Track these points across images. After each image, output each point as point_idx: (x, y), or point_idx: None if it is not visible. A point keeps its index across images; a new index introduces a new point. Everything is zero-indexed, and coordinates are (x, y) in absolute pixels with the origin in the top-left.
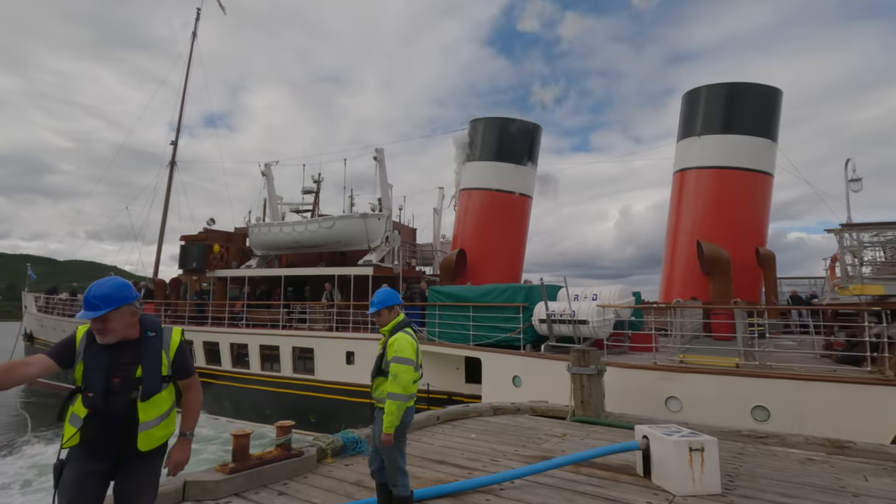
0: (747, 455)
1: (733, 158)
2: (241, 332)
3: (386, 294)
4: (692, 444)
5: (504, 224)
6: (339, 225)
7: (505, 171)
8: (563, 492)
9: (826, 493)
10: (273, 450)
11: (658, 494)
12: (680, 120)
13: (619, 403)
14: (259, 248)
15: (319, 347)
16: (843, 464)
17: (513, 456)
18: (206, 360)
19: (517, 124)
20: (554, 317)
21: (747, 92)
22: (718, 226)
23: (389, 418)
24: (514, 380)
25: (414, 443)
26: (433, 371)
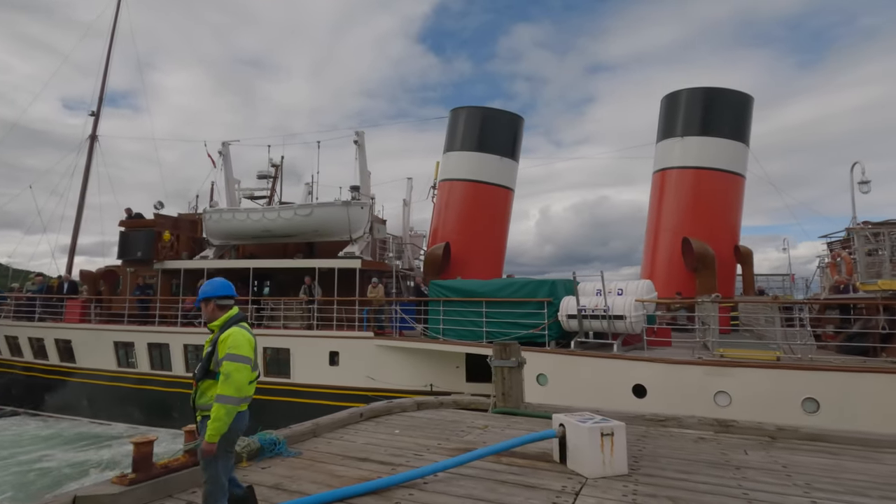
0: (650, 437)
1: (711, 160)
2: (197, 331)
3: (217, 284)
4: (603, 430)
5: (487, 217)
6: (318, 213)
7: (487, 163)
8: (484, 482)
9: (714, 467)
10: (180, 456)
11: (572, 478)
12: (659, 122)
13: (662, 399)
14: (217, 237)
15: (297, 348)
16: (729, 441)
17: (436, 450)
18: (152, 364)
19: (500, 115)
20: (585, 312)
21: (723, 97)
22: (699, 224)
23: (216, 424)
24: (539, 378)
25: (336, 441)
26: (431, 370)
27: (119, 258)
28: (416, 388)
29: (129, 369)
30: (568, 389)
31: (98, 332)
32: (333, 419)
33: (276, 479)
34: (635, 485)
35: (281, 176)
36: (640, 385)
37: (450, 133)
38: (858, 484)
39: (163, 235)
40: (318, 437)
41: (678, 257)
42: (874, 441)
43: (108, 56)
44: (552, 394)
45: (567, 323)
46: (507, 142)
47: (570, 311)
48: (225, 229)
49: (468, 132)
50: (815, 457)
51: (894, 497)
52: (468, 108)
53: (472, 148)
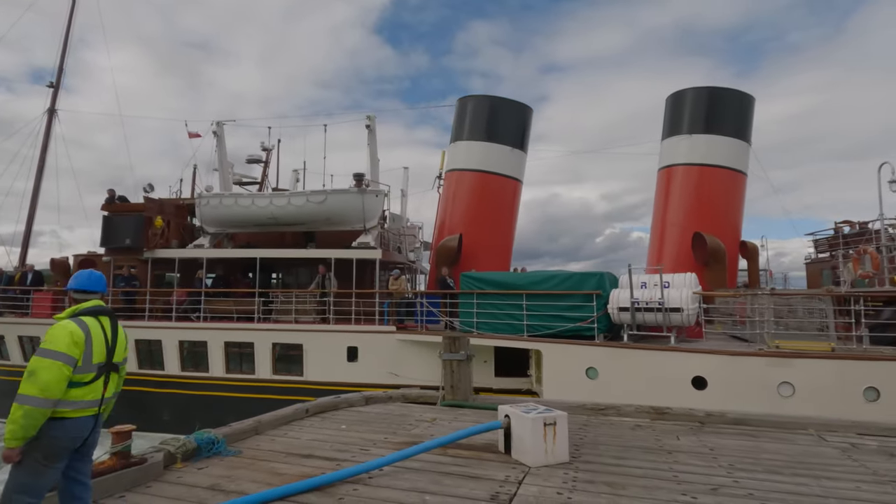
0: (590, 426)
1: (715, 157)
2: (196, 326)
3: (79, 277)
4: (546, 420)
5: (496, 208)
6: (331, 200)
7: (496, 153)
8: (430, 474)
9: (649, 452)
10: (106, 460)
11: (516, 468)
12: (664, 119)
13: (723, 391)
14: (213, 225)
15: (310, 343)
16: (663, 427)
17: (383, 444)
18: (140, 364)
19: (509, 104)
20: (638, 305)
21: (726, 96)
22: (705, 219)
23: (12, 427)
24: (589, 372)
25: (279, 438)
26: None
27: (103, 245)
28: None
29: None
30: (620, 382)
31: None
32: (277, 416)
33: (212, 479)
34: (575, 472)
35: (278, 161)
36: (699, 377)
37: (457, 122)
38: (774, 463)
39: (154, 221)
40: (260, 434)
41: (686, 252)
42: (789, 424)
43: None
44: (603, 387)
45: (618, 316)
46: (516, 132)
47: (622, 304)
48: (224, 216)
49: (476, 122)
50: (738, 440)
51: (804, 474)
52: (475, 96)
53: (480, 138)
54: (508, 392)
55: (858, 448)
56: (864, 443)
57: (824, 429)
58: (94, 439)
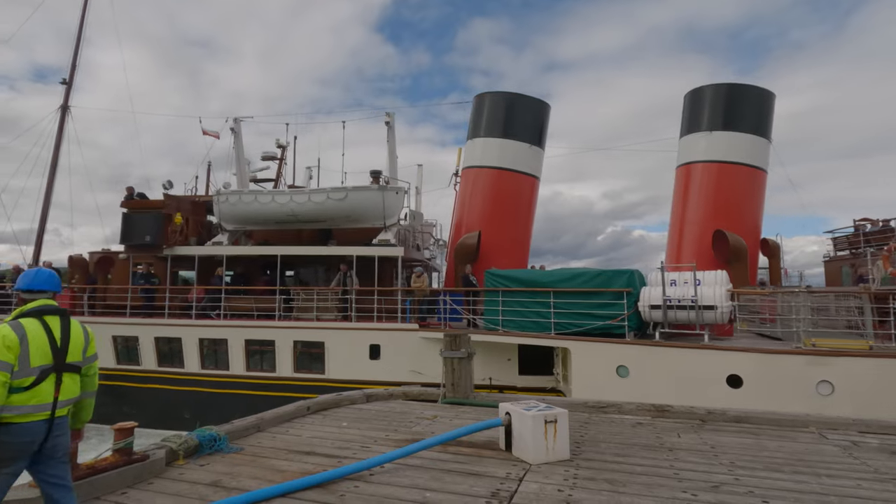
0: (591, 423)
1: (735, 154)
2: (216, 324)
3: (26, 277)
4: (547, 417)
5: (514, 206)
6: (352, 197)
7: (513, 150)
8: (430, 471)
9: (649, 449)
10: (108, 456)
11: (517, 465)
12: (683, 117)
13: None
14: (232, 222)
15: (332, 341)
16: (664, 425)
17: (384, 441)
18: (159, 361)
19: (526, 101)
20: (670, 302)
21: (746, 93)
22: (725, 217)
23: None
24: (619, 370)
25: (280, 435)
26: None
27: (122, 242)
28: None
29: (132, 366)
30: (652, 381)
31: (92, 326)
32: (279, 413)
33: (214, 476)
34: (576, 469)
35: (294, 158)
36: (735, 376)
37: (474, 119)
38: (775, 461)
39: (174, 218)
40: (262, 431)
41: (706, 249)
42: (789, 421)
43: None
44: (634, 385)
45: (649, 314)
46: (533, 128)
47: (654, 302)
48: (243, 213)
49: (493, 118)
50: (738, 437)
51: (804, 471)
52: (492, 93)
53: (497, 134)
54: (533, 391)
55: (860, 446)
56: (865, 441)
57: (825, 427)
58: (58, 443)
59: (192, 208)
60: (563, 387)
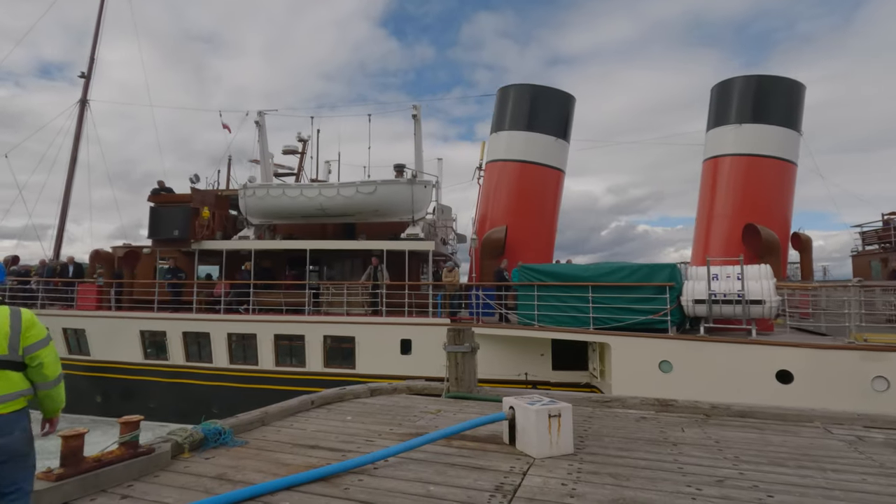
0: (595, 418)
1: (765, 147)
2: (245, 319)
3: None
4: (551, 412)
5: (539, 199)
6: (381, 191)
7: (538, 143)
8: (434, 465)
9: (653, 444)
10: (114, 449)
11: (521, 459)
12: (710, 110)
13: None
14: (258, 216)
15: (363, 336)
16: (667, 419)
17: (388, 435)
18: (187, 356)
19: (551, 93)
20: (716, 297)
21: (775, 84)
22: (754, 210)
23: None
24: (662, 365)
25: (285, 429)
26: (513, 357)
27: (150, 237)
28: (496, 377)
29: (159, 361)
30: (696, 376)
31: (119, 321)
32: (283, 407)
33: (219, 469)
34: (580, 463)
35: (317, 152)
36: (784, 371)
37: (498, 112)
38: (779, 455)
39: (201, 212)
40: (266, 425)
41: (734, 243)
42: (793, 416)
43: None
44: (677, 381)
45: (693, 308)
46: (558, 121)
47: (698, 296)
48: (270, 207)
49: (518, 111)
50: (743, 432)
51: (809, 466)
52: (516, 86)
53: (522, 127)
54: (567, 386)
55: (865, 441)
56: (870, 436)
57: (830, 421)
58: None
59: (216, 202)
60: (600, 382)
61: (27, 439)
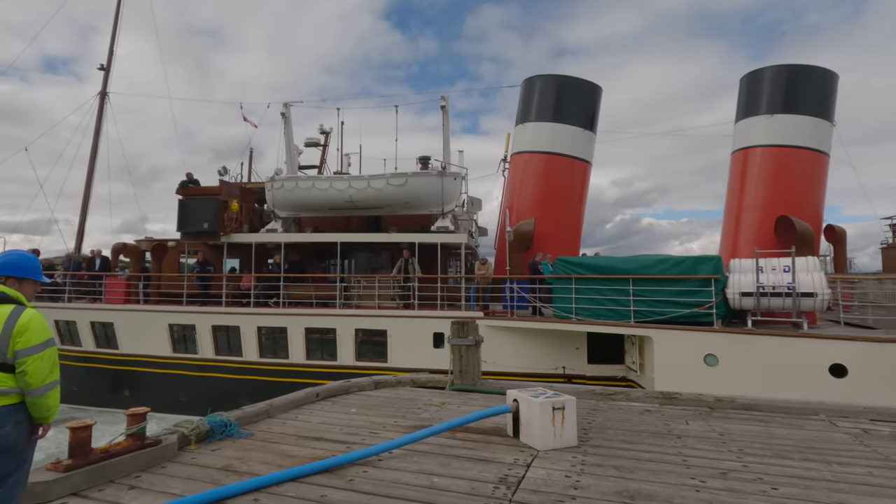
0: (599, 411)
1: (796, 137)
2: (276, 312)
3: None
4: (555, 404)
5: (566, 192)
6: (412, 183)
7: (565, 134)
8: (438, 457)
9: (657, 436)
10: (122, 441)
11: (525, 451)
12: (739, 101)
13: (867, 378)
14: (285, 209)
15: (395, 329)
16: (672, 412)
17: (392, 427)
18: (216, 350)
19: (578, 84)
20: (764, 289)
21: (807, 73)
22: (785, 202)
23: None
24: (707, 359)
25: (290, 421)
26: (547, 351)
27: (179, 230)
28: (531, 370)
29: (188, 355)
30: (743, 370)
31: (148, 315)
32: (288, 399)
33: (225, 460)
34: (584, 455)
35: (341, 144)
36: (838, 365)
37: (523, 104)
38: (784, 448)
39: (230, 205)
40: (271, 417)
41: (765, 236)
42: (798, 409)
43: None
44: (723, 374)
45: (739, 301)
46: (585, 112)
47: (745, 289)
48: (299, 199)
49: (544, 102)
50: (747, 425)
51: (813, 458)
52: (543, 76)
53: (548, 119)
54: (603, 380)
55: (871, 434)
56: (876, 429)
57: (836, 414)
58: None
59: (241, 195)
60: (639, 376)
61: (21, 434)
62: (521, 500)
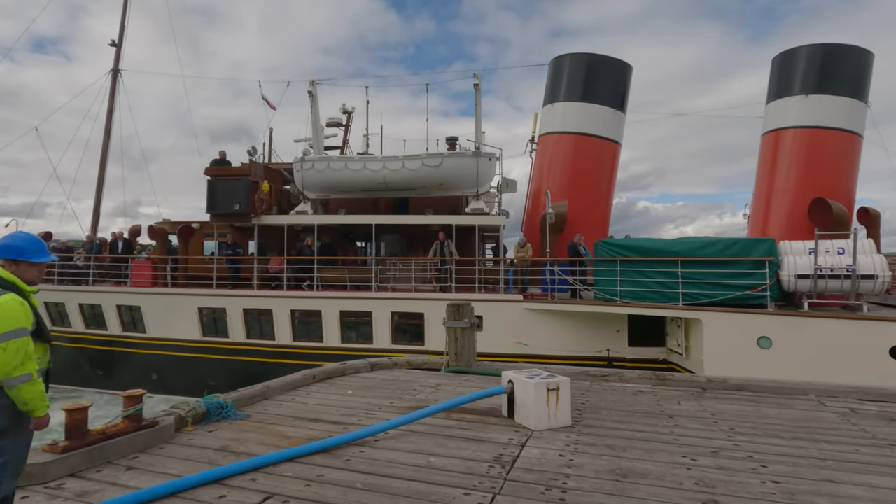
0: (593, 392)
1: (830, 119)
2: (310, 296)
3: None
4: (549, 385)
5: (595, 172)
6: (447, 164)
7: (595, 114)
8: (434, 437)
9: (650, 416)
10: (118, 422)
11: (519, 431)
12: (770, 82)
13: None
14: (315, 190)
15: (432, 312)
16: (664, 393)
17: (388, 408)
18: (248, 333)
19: (608, 62)
20: (821, 272)
21: (842, 53)
22: (818, 184)
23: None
24: (760, 341)
25: (287, 403)
26: (586, 334)
27: (209, 211)
28: (572, 353)
29: (218, 339)
30: (798, 352)
31: (176, 298)
32: (285, 381)
33: (222, 441)
34: (577, 435)
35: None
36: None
37: (551, 83)
38: (774, 427)
39: (261, 186)
40: (268, 399)
41: (798, 218)
42: (788, 389)
43: None
44: (777, 357)
45: (795, 283)
46: (615, 91)
47: (802, 271)
48: (330, 180)
49: (573, 82)
50: (738, 405)
51: (802, 437)
52: (572, 55)
53: (577, 98)
54: (644, 362)
55: (858, 413)
56: (864, 408)
57: (825, 394)
58: None
59: (267, 175)
60: (685, 359)
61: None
62: (515, 478)
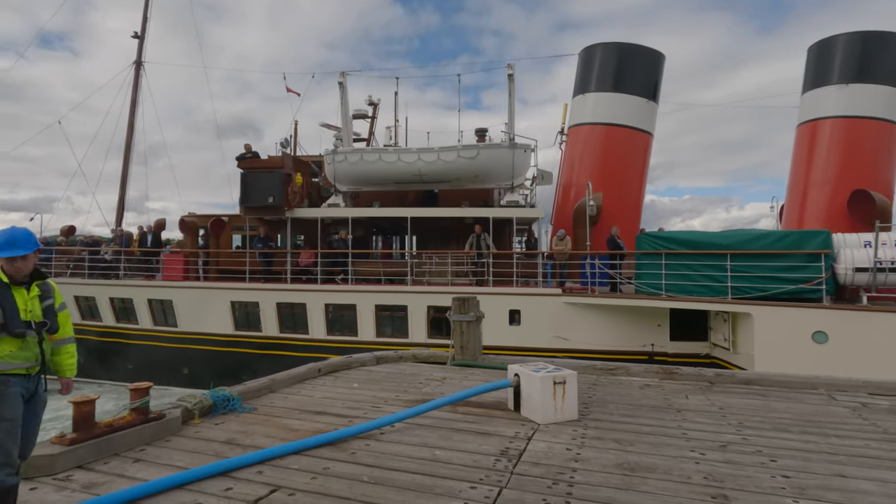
0: (600, 385)
1: (869, 108)
2: (345, 289)
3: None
4: (556, 379)
5: (626, 164)
6: (483, 155)
7: (626, 105)
8: (440, 430)
9: (657, 410)
10: (125, 415)
11: (525, 424)
12: (806, 71)
13: None
14: (347, 183)
15: None
16: (672, 386)
17: (394, 402)
18: (281, 327)
19: (640, 51)
20: (881, 265)
21: (881, 40)
22: (856, 176)
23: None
24: (815, 336)
25: (293, 396)
26: (627, 328)
27: (242, 204)
28: (613, 347)
29: (251, 332)
30: (856, 347)
31: (208, 292)
32: (291, 374)
33: (228, 434)
34: (584, 429)
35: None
36: None
37: (582, 74)
38: (783, 421)
39: (294, 178)
40: (274, 392)
41: (836, 211)
42: (798, 383)
43: None
44: (833, 352)
45: (853, 277)
46: (647, 81)
47: (860, 264)
48: (363, 173)
49: (604, 72)
50: (747, 399)
51: (812, 431)
52: (603, 44)
53: (608, 89)
54: (686, 357)
55: (869, 407)
56: (875, 402)
57: (834, 388)
58: None
59: (297, 168)
60: (732, 354)
61: None
62: (522, 472)
